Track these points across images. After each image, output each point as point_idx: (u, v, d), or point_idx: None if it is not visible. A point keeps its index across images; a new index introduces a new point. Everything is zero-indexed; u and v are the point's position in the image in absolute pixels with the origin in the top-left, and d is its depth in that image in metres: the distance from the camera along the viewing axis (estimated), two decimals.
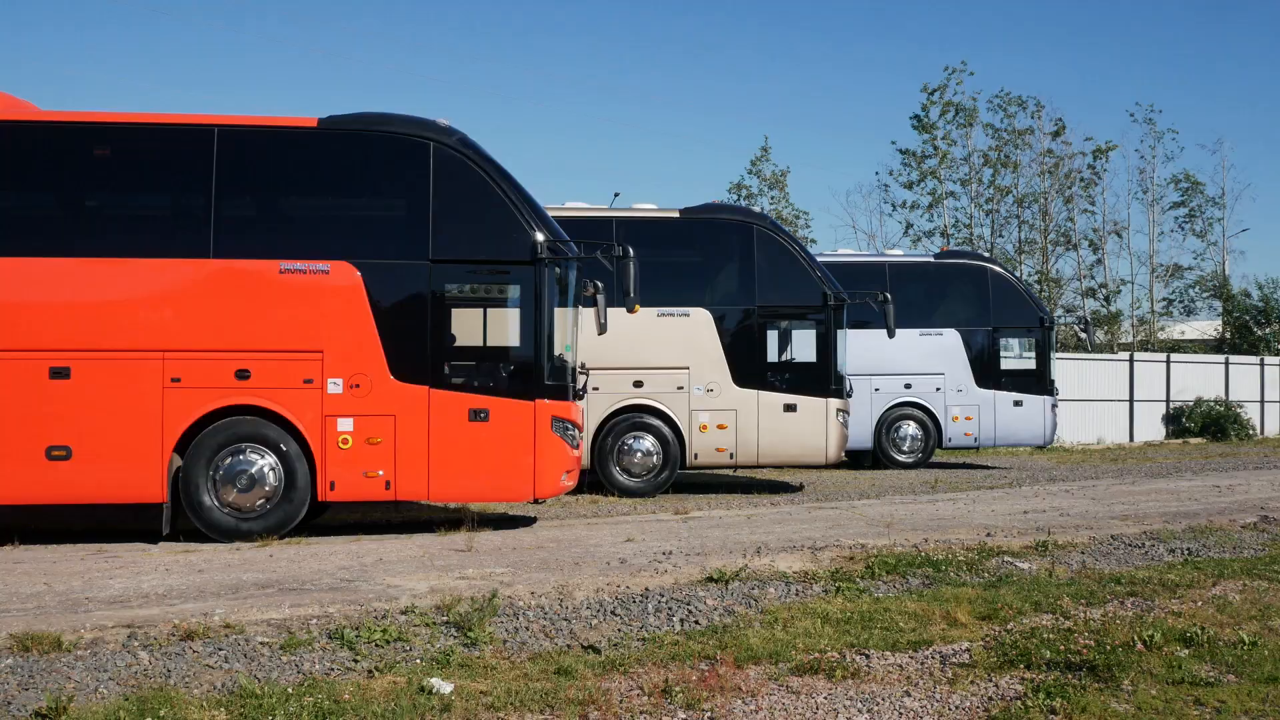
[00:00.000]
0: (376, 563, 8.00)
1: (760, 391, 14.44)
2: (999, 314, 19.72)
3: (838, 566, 7.84)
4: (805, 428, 14.46)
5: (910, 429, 19.26)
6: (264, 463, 9.65)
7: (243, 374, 9.66)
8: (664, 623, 6.48)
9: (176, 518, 9.70)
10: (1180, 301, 39.42)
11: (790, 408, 14.45)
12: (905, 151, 38.60)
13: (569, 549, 8.65)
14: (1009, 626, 6.38)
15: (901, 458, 19.21)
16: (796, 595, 7.15)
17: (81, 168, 10.00)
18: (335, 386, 9.74)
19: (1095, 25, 60.94)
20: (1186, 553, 8.95)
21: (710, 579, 7.28)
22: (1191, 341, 37.40)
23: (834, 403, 14.64)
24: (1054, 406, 19.85)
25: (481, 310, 13.54)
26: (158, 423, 9.53)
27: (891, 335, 16.06)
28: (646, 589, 7.04)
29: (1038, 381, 19.66)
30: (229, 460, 9.62)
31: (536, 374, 10.03)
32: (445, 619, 6.19)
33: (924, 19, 63.76)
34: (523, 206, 10.18)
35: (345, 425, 9.74)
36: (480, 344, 10.52)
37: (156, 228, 10.27)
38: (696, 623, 6.50)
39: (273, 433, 9.69)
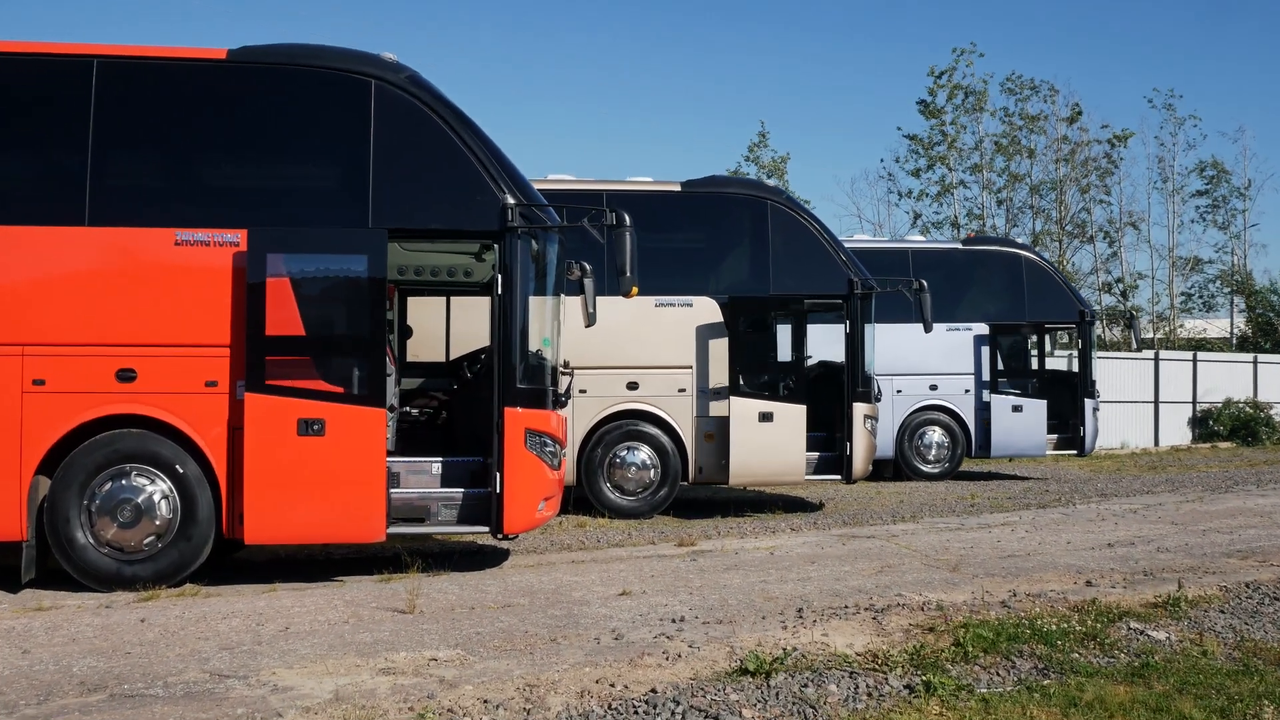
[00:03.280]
0: (279, 634, 5.82)
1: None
2: (1035, 307, 17.51)
3: (916, 643, 5.68)
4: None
5: (936, 435, 17.10)
6: (154, 489, 7.49)
7: (126, 375, 7.48)
8: None
9: (46, 557, 7.55)
10: (1200, 296, 37.49)
11: None
12: (912, 137, 36.45)
13: (545, 610, 6.48)
14: None
15: (926, 468, 17.06)
16: (870, 696, 4.99)
17: None
18: None
19: (1107, 10, 58.88)
20: None
21: (744, 670, 5.11)
22: (1214, 339, 35.42)
23: (861, 408, 12.50)
24: (1095, 410, 17.71)
25: (445, 297, 11.47)
26: (15, 437, 7.39)
27: (928, 329, 13.87)
28: (653, 690, 4.86)
29: (1078, 382, 17.51)
30: (109, 485, 7.46)
31: (506, 376, 7.87)
32: None
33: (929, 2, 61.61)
34: (490, 163, 8.01)
35: None
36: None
37: (17, 187, 8.00)
38: None
39: (166, 450, 7.52)
